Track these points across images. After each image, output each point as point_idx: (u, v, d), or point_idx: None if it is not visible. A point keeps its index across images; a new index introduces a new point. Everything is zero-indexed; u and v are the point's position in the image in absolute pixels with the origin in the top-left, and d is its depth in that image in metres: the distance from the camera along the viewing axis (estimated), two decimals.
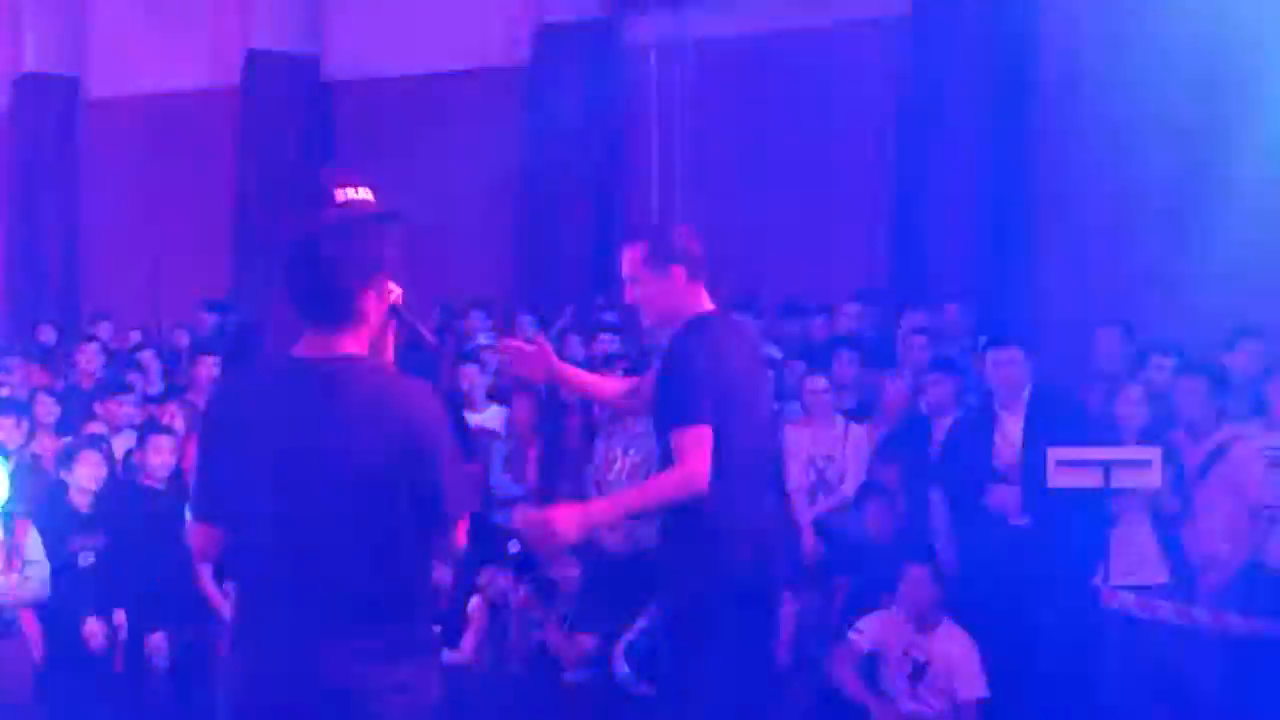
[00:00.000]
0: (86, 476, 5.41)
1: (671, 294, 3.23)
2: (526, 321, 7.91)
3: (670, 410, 3.19)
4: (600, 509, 3.41)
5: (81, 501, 5.43)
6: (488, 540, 5.86)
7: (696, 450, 3.05)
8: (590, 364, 6.59)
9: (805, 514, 5.68)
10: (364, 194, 2.38)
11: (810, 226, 8.70)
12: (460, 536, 2.34)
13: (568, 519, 3.06)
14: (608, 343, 7.01)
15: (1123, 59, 7.64)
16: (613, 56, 9.19)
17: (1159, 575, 4.80)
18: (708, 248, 3.33)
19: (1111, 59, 7.67)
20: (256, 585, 2.33)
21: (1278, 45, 7.14)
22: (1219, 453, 4.82)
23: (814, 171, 8.70)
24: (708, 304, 3.29)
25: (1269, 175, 7.11)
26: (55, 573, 5.19)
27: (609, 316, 7.81)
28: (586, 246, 9.28)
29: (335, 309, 2.29)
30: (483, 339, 7.40)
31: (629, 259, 3.29)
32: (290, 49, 10.58)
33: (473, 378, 6.55)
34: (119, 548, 5.42)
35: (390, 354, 2.42)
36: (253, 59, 10.58)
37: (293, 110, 10.55)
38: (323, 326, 2.31)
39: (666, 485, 3.18)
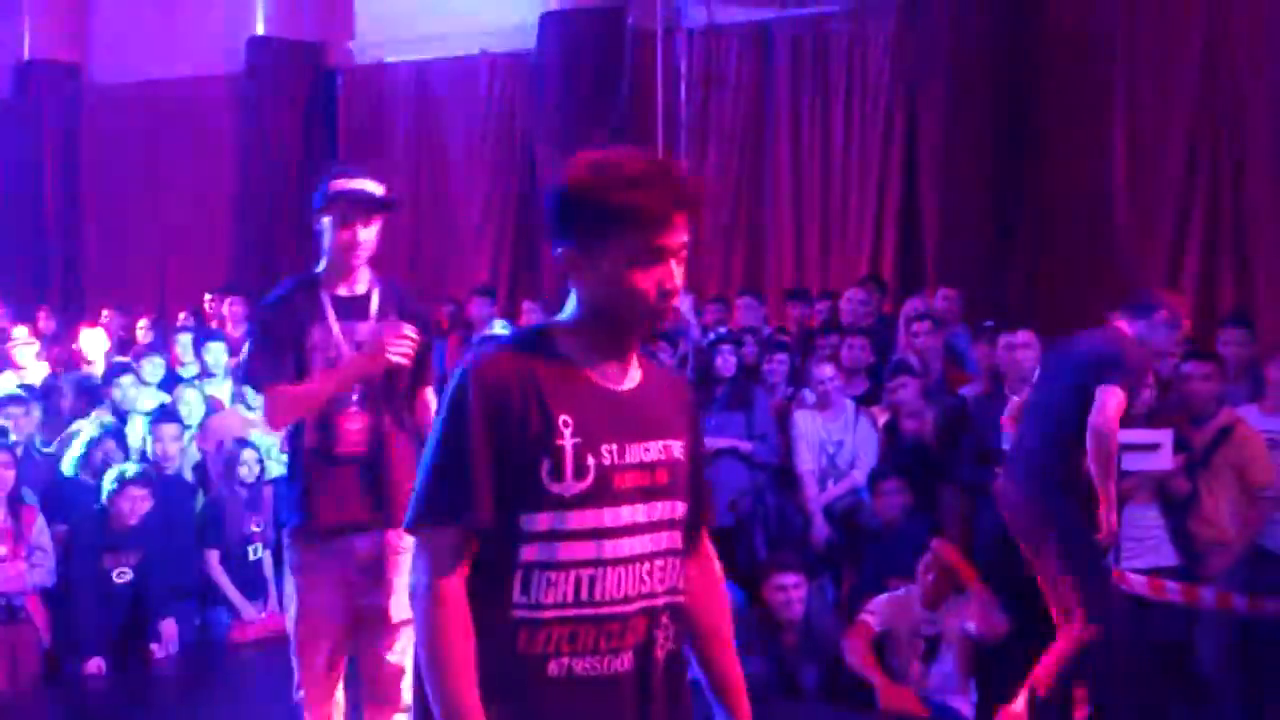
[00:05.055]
0: (129, 511, 5.26)
1: None
2: (532, 309, 7.90)
3: None
4: None
5: (121, 524, 5.27)
6: None
7: None
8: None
9: (816, 500, 5.70)
10: (363, 185, 2.92)
11: (815, 214, 8.69)
12: None
13: None
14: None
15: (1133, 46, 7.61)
16: (619, 41, 9.13)
17: (1168, 557, 4.81)
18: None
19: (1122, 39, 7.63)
20: None
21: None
22: (1222, 436, 4.83)
23: (819, 159, 8.69)
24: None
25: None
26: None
27: None
28: None
29: None
30: (498, 326, 7.33)
31: None
32: (292, 35, 10.53)
33: None
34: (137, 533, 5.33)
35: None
36: (255, 45, 10.54)
37: (296, 97, 10.50)
38: None
39: None
